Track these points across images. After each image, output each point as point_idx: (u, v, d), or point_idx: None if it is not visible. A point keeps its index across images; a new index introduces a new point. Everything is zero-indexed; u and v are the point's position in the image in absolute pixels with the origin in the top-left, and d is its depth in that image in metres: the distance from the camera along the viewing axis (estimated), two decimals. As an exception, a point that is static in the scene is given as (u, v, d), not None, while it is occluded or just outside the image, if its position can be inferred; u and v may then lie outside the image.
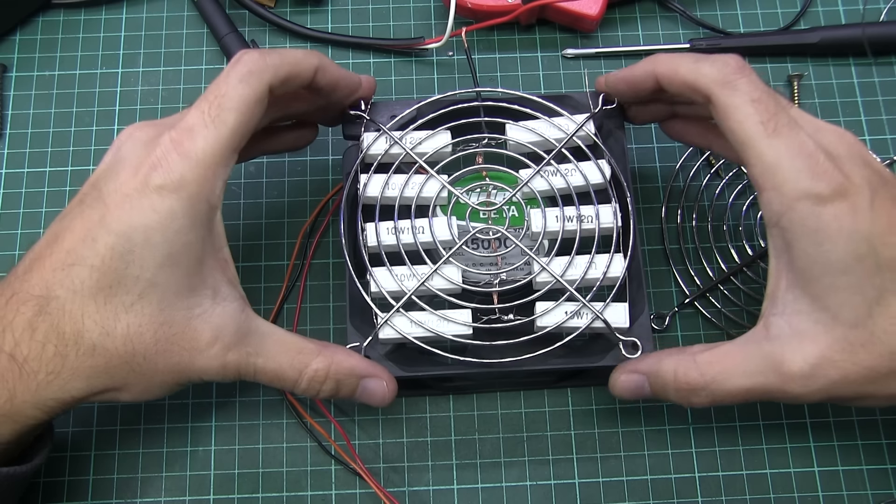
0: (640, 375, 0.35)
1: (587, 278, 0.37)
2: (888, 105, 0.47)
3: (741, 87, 0.33)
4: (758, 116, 0.32)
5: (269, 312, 0.43)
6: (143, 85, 0.48)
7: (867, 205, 0.31)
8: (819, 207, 0.31)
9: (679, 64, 0.35)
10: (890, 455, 0.41)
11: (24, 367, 0.31)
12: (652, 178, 0.46)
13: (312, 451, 0.41)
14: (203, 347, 0.33)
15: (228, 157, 0.34)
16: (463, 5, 0.46)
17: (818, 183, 0.31)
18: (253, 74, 0.34)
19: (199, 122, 0.33)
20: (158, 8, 0.50)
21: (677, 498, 0.40)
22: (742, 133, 0.33)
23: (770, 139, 0.32)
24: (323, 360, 0.35)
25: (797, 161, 0.32)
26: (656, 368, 0.35)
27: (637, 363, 0.36)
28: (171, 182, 0.32)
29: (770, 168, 0.32)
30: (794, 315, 0.32)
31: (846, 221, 0.31)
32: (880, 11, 0.49)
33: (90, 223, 0.32)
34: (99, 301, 0.31)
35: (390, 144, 0.39)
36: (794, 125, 0.32)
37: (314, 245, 0.44)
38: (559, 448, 0.41)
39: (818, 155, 0.32)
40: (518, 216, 0.39)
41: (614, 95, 0.39)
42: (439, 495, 0.40)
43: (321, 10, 0.50)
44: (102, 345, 0.32)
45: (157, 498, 0.40)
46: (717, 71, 0.33)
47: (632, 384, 0.36)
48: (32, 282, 0.32)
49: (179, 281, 0.32)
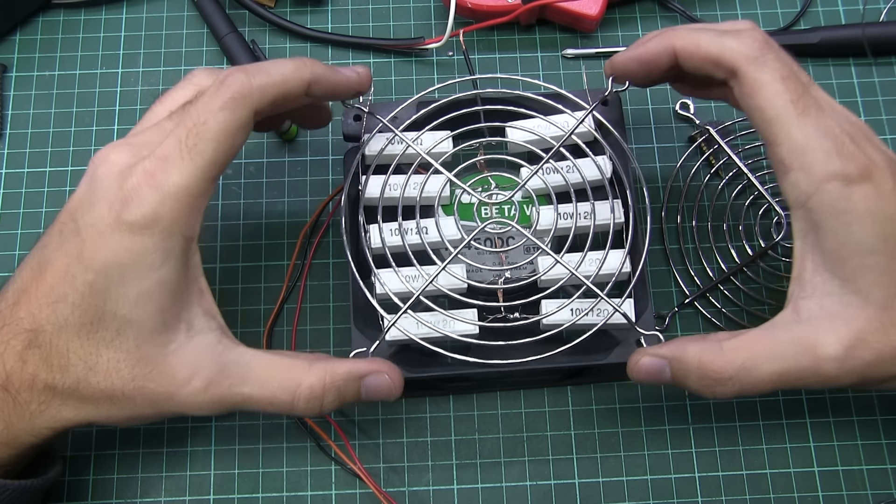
0: (661, 359, 0.34)
1: (593, 275, 0.37)
2: (888, 105, 0.47)
3: (770, 63, 0.32)
4: (788, 95, 0.32)
5: (269, 312, 0.43)
6: (143, 85, 0.48)
7: (892, 185, 0.31)
8: (848, 189, 0.31)
9: (700, 38, 0.34)
10: (890, 455, 0.41)
11: (17, 398, 0.32)
12: (652, 178, 0.46)
13: (312, 451, 0.41)
14: (180, 384, 0.32)
15: (206, 189, 0.32)
16: (463, 5, 0.46)
17: (847, 164, 0.31)
18: (236, 100, 0.32)
19: (174, 152, 0.32)
20: (158, 8, 0.50)
21: (677, 498, 0.40)
22: (772, 111, 0.32)
23: (800, 119, 0.32)
24: (315, 373, 0.33)
25: (826, 142, 0.31)
26: (680, 354, 0.34)
27: (659, 347, 0.35)
28: (144, 218, 0.31)
29: (799, 148, 0.32)
30: (825, 297, 0.32)
31: (873, 202, 0.31)
32: (880, 11, 0.49)
33: (69, 258, 0.32)
34: (82, 336, 0.32)
35: (389, 142, 0.39)
36: (819, 106, 0.32)
37: (315, 245, 0.44)
38: (559, 448, 0.41)
39: (844, 137, 0.32)
40: (521, 215, 0.39)
41: (625, 78, 0.38)
42: (439, 495, 0.40)
43: (321, 10, 0.50)
44: (86, 379, 0.32)
45: (157, 498, 0.40)
46: (745, 46, 0.33)
47: (653, 367, 0.34)
48: (21, 314, 0.32)
49: (153, 317, 0.32)
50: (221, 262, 0.44)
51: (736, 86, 0.33)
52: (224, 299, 0.43)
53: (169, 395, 0.32)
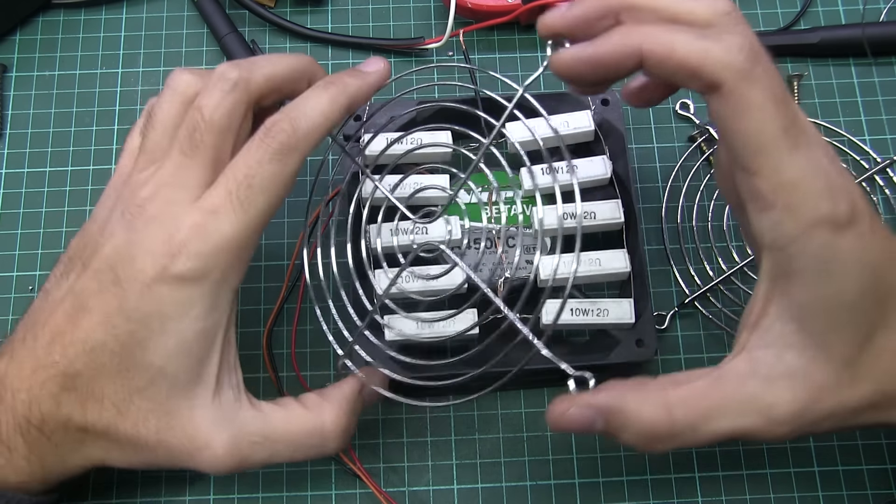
0: (594, 410, 0.30)
1: (593, 275, 0.37)
2: (888, 105, 0.47)
3: (761, 79, 0.27)
4: (780, 121, 0.27)
5: (269, 312, 0.43)
6: (143, 85, 0.48)
7: (870, 231, 0.28)
8: (836, 236, 0.27)
9: (675, 41, 0.28)
10: (890, 455, 0.41)
11: (51, 437, 0.32)
12: (652, 178, 0.46)
13: (312, 451, 0.41)
14: (200, 447, 0.32)
15: (255, 240, 0.32)
16: (463, 5, 0.46)
17: (838, 206, 0.27)
18: (284, 151, 0.31)
19: (225, 205, 0.30)
20: (158, 8, 0.50)
21: (677, 498, 0.40)
22: (760, 138, 0.27)
23: (792, 152, 0.27)
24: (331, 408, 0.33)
25: (818, 181, 0.27)
26: (617, 405, 0.30)
27: (593, 396, 0.30)
28: (193, 271, 0.30)
29: (789, 185, 0.27)
30: (786, 349, 0.29)
31: (858, 252, 0.27)
32: (880, 11, 0.49)
33: (109, 308, 0.31)
34: (117, 383, 0.31)
35: (389, 144, 0.39)
36: (808, 137, 0.28)
37: (314, 245, 0.44)
38: (559, 448, 0.41)
39: (832, 171, 0.28)
40: (521, 215, 0.39)
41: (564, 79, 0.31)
42: (439, 495, 0.40)
43: (321, 10, 0.50)
44: (115, 424, 0.31)
45: (156, 498, 0.40)
46: (731, 55, 0.27)
47: (584, 420, 0.30)
48: (56, 357, 0.31)
49: (188, 369, 0.31)
50: (221, 262, 0.44)
51: (716, 101, 0.28)
52: (224, 299, 0.43)
53: (189, 454, 0.32)
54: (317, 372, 0.42)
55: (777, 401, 0.29)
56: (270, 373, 0.42)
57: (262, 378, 0.42)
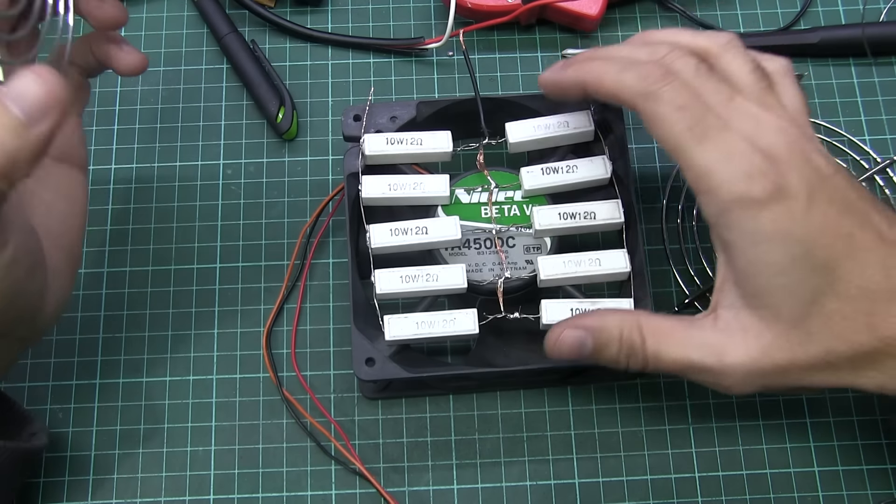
0: (583, 331, 0.34)
1: (592, 275, 0.37)
2: (888, 105, 0.47)
3: (664, 95, 0.32)
4: (683, 123, 0.32)
5: (269, 312, 0.43)
6: (143, 85, 0.48)
7: (803, 207, 0.31)
8: (755, 211, 0.31)
9: (604, 74, 0.34)
10: (890, 455, 0.41)
11: None
12: (652, 178, 0.46)
13: (312, 451, 0.41)
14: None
15: None
16: (463, 5, 0.46)
17: (753, 186, 0.31)
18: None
19: None
20: (158, 8, 0.50)
21: (677, 498, 0.40)
22: (671, 141, 0.33)
23: (700, 145, 0.32)
24: None
25: (730, 165, 0.31)
26: (601, 324, 0.34)
27: (581, 319, 0.35)
28: None
29: (703, 173, 0.32)
30: (741, 310, 0.33)
31: (782, 224, 0.31)
32: (880, 11, 0.49)
33: None
34: None
35: (391, 144, 0.39)
36: (724, 127, 0.32)
37: (314, 245, 0.44)
38: (559, 448, 0.41)
39: (753, 157, 0.31)
40: (521, 215, 0.39)
41: (546, 94, 0.38)
42: (439, 495, 0.40)
43: (321, 10, 0.50)
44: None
45: (157, 498, 0.40)
46: (639, 81, 0.33)
47: (575, 341, 0.35)
48: None
49: None
50: (221, 262, 0.44)
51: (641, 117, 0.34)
52: (224, 299, 0.43)
53: None
54: (317, 372, 0.42)
55: (731, 350, 0.33)
56: (270, 373, 0.42)
57: (262, 378, 0.42)
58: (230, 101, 0.48)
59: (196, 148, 0.47)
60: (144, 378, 0.42)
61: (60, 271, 0.35)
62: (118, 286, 0.44)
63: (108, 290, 0.44)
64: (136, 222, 0.45)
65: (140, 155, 0.46)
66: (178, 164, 0.46)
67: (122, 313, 0.43)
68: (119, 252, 0.44)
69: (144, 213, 0.45)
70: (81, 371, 0.42)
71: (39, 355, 0.42)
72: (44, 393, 0.42)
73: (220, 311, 0.43)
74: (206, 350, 0.43)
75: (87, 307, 0.43)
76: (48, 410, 0.42)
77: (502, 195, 0.40)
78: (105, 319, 0.43)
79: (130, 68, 0.37)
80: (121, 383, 0.42)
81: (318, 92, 0.48)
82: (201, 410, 0.42)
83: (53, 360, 0.42)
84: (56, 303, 0.35)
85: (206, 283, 0.44)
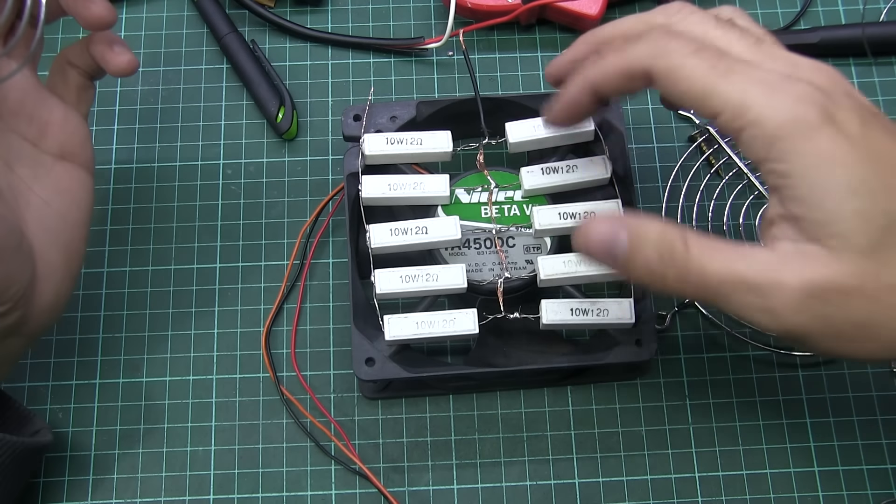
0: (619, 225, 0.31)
1: (592, 275, 0.37)
2: (888, 105, 0.47)
3: (675, 48, 0.30)
4: (704, 64, 0.30)
5: (269, 312, 0.43)
6: (143, 85, 0.48)
7: (859, 131, 0.29)
8: (812, 133, 0.29)
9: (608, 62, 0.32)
10: (890, 455, 0.41)
11: None
12: (652, 178, 0.46)
13: (312, 451, 0.41)
14: None
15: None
16: (463, 5, 0.46)
17: (805, 109, 0.29)
18: None
19: None
20: (158, 8, 0.50)
21: (677, 498, 0.40)
22: (697, 87, 0.30)
23: (726, 79, 0.29)
24: None
25: (774, 94, 0.29)
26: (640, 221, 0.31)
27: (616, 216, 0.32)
28: None
29: (740, 107, 0.29)
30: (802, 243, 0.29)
31: (843, 146, 0.29)
32: (880, 11, 0.49)
33: None
34: None
35: (391, 144, 0.39)
36: (752, 66, 0.30)
37: (314, 245, 0.44)
38: (559, 448, 0.41)
39: (797, 84, 0.29)
40: (521, 215, 0.39)
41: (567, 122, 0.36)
42: (439, 495, 0.40)
43: (321, 10, 0.50)
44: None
45: (157, 498, 0.40)
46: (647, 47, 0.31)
47: (607, 235, 0.31)
48: None
49: None
50: (221, 262, 0.44)
51: (658, 87, 0.31)
52: (224, 299, 0.43)
53: None
54: (317, 372, 0.42)
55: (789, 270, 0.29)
56: (270, 373, 0.42)
57: (261, 378, 0.42)
58: (230, 100, 0.48)
59: (196, 148, 0.47)
60: (144, 378, 0.42)
61: (56, 266, 0.35)
62: (118, 286, 0.44)
63: (108, 290, 0.44)
64: (136, 222, 0.45)
65: (140, 155, 0.46)
66: (178, 164, 0.46)
67: (122, 313, 0.43)
68: (119, 252, 0.44)
69: (144, 213, 0.45)
70: (81, 371, 0.42)
71: (39, 355, 0.42)
72: (44, 393, 0.42)
73: (220, 310, 0.43)
74: (206, 350, 0.43)
75: (87, 307, 0.43)
76: (48, 410, 0.42)
77: (502, 195, 0.40)
78: (105, 319, 0.43)
79: (119, 69, 0.36)
80: (120, 383, 0.42)
81: (318, 92, 0.48)
82: (201, 410, 0.42)
83: (53, 360, 0.42)
84: (53, 297, 0.35)
85: (206, 283, 0.44)
